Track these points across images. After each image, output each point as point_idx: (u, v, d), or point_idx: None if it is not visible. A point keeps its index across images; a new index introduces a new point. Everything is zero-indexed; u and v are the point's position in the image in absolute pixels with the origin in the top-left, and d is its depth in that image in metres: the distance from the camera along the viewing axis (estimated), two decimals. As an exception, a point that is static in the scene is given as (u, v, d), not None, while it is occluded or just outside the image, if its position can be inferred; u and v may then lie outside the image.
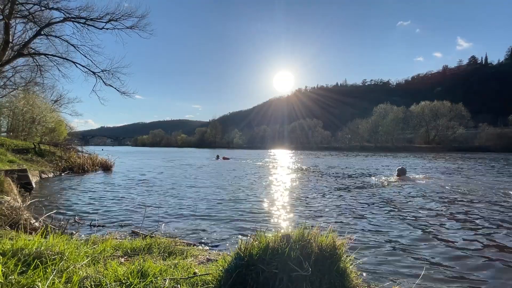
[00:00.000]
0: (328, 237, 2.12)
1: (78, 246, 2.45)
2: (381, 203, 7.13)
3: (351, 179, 11.91)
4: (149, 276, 1.95)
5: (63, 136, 28.85)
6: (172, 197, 8.16)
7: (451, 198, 7.72)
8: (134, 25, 13.41)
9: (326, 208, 6.67)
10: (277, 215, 6.09)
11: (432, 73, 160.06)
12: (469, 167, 17.27)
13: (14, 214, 3.93)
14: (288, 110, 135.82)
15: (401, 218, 5.72)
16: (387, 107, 74.99)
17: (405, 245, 4.20)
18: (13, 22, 12.33)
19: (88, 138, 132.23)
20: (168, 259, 2.55)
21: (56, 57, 13.95)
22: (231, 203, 7.26)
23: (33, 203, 5.61)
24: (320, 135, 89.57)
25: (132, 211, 6.39)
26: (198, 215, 6.08)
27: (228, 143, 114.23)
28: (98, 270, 2.01)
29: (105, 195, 8.36)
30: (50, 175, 12.65)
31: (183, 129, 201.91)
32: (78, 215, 5.87)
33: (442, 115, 64.41)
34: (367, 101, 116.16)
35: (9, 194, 5.74)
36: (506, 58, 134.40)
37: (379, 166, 19.07)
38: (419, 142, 63.91)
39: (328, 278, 1.93)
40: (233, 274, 1.92)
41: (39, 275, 1.74)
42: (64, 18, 12.91)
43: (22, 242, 2.20)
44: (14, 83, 17.71)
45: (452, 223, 5.36)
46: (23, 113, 24.98)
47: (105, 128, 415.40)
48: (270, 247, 1.99)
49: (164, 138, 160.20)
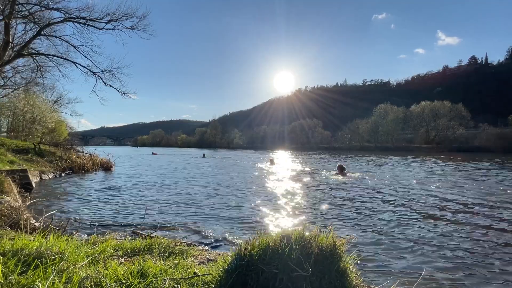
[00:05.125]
0: (328, 237, 2.12)
1: (78, 246, 2.45)
2: (380, 203, 7.13)
3: (347, 179, 11.90)
4: (149, 276, 1.95)
5: (64, 136, 28.83)
6: (172, 197, 8.16)
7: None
8: (134, 25, 13.40)
9: (326, 208, 6.66)
10: (277, 215, 6.08)
11: (432, 73, 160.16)
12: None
13: (14, 214, 3.93)
14: (288, 110, 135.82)
15: (401, 218, 5.72)
16: (387, 107, 74.92)
17: (405, 245, 4.20)
18: (13, 23, 12.33)
19: (88, 138, 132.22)
20: (168, 259, 2.55)
21: (56, 57, 13.96)
22: (231, 203, 7.26)
23: (33, 203, 5.61)
24: (320, 135, 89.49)
25: (132, 211, 6.39)
26: (198, 215, 6.09)
27: (228, 143, 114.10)
28: (98, 270, 2.00)
29: (105, 195, 8.36)
30: (50, 175, 12.65)
31: (182, 129, 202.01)
32: (78, 215, 5.87)
33: (442, 115, 64.35)
34: (367, 101, 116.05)
35: (9, 194, 5.74)
36: (506, 58, 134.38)
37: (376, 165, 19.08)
38: (419, 142, 63.82)
39: (328, 278, 1.93)
40: (233, 274, 1.92)
41: (39, 275, 1.74)
42: (64, 19, 12.91)
43: (22, 242, 2.20)
44: (15, 83, 17.69)
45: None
46: (23, 113, 24.97)
47: (105, 128, 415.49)
48: (270, 247, 1.99)
49: (164, 138, 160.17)
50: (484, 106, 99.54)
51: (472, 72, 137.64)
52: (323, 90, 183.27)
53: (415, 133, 68.91)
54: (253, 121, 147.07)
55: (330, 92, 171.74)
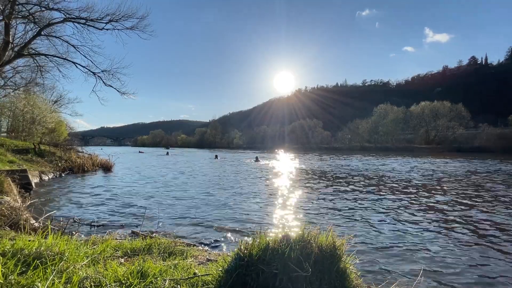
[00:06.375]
0: (328, 237, 2.12)
1: (78, 246, 2.45)
2: (380, 202, 7.13)
3: (347, 179, 11.90)
4: (149, 276, 1.95)
5: (63, 136, 28.82)
6: (172, 197, 8.16)
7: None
8: (134, 26, 13.36)
9: (326, 208, 6.66)
10: (277, 215, 6.08)
11: (432, 74, 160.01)
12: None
13: (14, 215, 3.93)
14: (288, 110, 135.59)
15: (402, 219, 5.72)
16: (387, 107, 74.94)
17: (405, 245, 4.19)
18: (13, 23, 12.32)
19: (88, 139, 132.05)
20: (168, 260, 2.55)
21: (57, 57, 13.93)
22: (231, 204, 7.26)
23: (33, 204, 5.61)
24: (320, 135, 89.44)
25: (132, 211, 6.39)
26: (198, 215, 6.08)
27: (228, 144, 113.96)
28: (98, 271, 2.00)
29: (105, 196, 8.36)
30: (50, 175, 12.65)
31: (182, 129, 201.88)
32: (77, 216, 5.87)
33: (442, 116, 64.36)
34: (367, 101, 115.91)
35: (9, 194, 5.74)
36: (506, 58, 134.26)
37: (378, 165, 19.08)
38: (419, 143, 63.79)
39: (328, 278, 1.92)
40: (233, 274, 1.92)
41: (39, 276, 1.74)
42: (64, 19, 12.89)
43: (22, 242, 2.20)
44: (15, 83, 17.67)
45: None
46: (23, 113, 24.96)
47: (105, 128, 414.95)
48: (270, 248, 1.99)
49: (164, 138, 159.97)
50: (484, 106, 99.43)
51: (472, 72, 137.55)
52: (323, 90, 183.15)
53: (415, 134, 68.90)
54: (253, 121, 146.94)
55: (330, 92, 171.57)
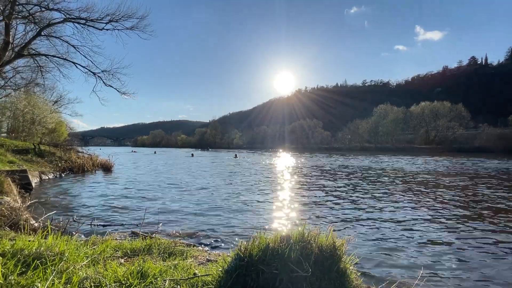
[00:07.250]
0: (328, 237, 2.11)
1: (78, 246, 2.45)
2: (380, 202, 7.13)
3: (347, 179, 11.89)
4: (149, 277, 1.95)
5: (63, 136, 28.81)
6: (172, 198, 8.15)
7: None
8: (134, 26, 13.35)
9: (326, 208, 6.66)
10: (276, 215, 6.08)
11: (432, 74, 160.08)
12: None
13: (14, 215, 3.93)
14: (288, 110, 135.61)
15: (402, 219, 5.72)
16: (387, 108, 75.00)
17: (405, 245, 4.19)
18: (13, 23, 12.32)
19: (88, 139, 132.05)
20: (168, 260, 2.54)
21: (57, 57, 13.92)
22: (231, 204, 7.25)
23: (33, 204, 5.61)
24: (320, 135, 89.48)
25: (131, 212, 6.39)
26: (198, 215, 6.08)
27: (228, 144, 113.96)
28: (98, 271, 2.00)
29: (105, 196, 8.36)
30: (50, 175, 12.65)
31: (182, 130, 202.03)
32: (77, 216, 5.87)
33: (442, 116, 64.41)
34: (367, 101, 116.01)
35: (9, 194, 5.74)
36: (506, 58, 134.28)
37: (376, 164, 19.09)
38: (419, 143, 63.82)
39: (328, 278, 1.92)
40: (233, 274, 1.91)
41: (39, 276, 1.74)
42: (64, 19, 12.88)
43: (22, 242, 2.20)
44: (15, 83, 17.67)
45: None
46: (24, 113, 24.96)
47: (105, 128, 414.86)
48: (270, 248, 1.98)
49: (164, 138, 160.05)
50: (484, 106, 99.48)
51: (472, 72, 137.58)
52: (323, 90, 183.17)
53: (415, 134, 68.92)
54: (253, 122, 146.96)
55: (330, 92, 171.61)
